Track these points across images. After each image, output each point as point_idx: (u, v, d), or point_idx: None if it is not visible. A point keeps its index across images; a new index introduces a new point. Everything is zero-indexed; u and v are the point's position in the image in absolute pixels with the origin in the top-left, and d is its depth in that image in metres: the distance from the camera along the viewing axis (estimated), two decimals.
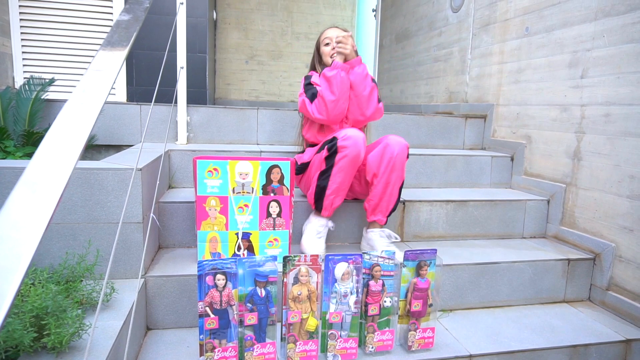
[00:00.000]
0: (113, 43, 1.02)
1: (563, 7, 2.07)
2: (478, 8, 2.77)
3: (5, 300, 0.49)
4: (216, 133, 2.40)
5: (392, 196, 1.73)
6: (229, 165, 1.57)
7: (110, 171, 1.40)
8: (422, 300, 1.41)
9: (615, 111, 1.80)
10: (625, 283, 1.75)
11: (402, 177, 1.73)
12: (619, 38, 1.78)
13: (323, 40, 1.93)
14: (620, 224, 1.78)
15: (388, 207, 1.74)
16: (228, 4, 5.02)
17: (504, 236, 2.12)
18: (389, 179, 1.70)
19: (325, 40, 1.91)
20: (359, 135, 1.64)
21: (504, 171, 2.45)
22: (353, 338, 1.37)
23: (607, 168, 1.83)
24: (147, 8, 1.19)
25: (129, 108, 2.32)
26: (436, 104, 3.27)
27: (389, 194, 1.71)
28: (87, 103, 0.78)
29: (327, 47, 1.91)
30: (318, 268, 1.32)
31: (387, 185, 1.70)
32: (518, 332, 1.59)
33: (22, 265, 0.53)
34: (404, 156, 1.71)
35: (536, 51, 2.25)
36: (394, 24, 4.16)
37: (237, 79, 5.16)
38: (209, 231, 1.59)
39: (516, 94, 2.40)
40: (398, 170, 1.70)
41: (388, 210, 1.75)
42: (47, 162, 0.67)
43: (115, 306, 1.28)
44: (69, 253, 1.37)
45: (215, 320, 1.24)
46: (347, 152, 1.62)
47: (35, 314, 1.00)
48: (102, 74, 0.87)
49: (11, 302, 0.49)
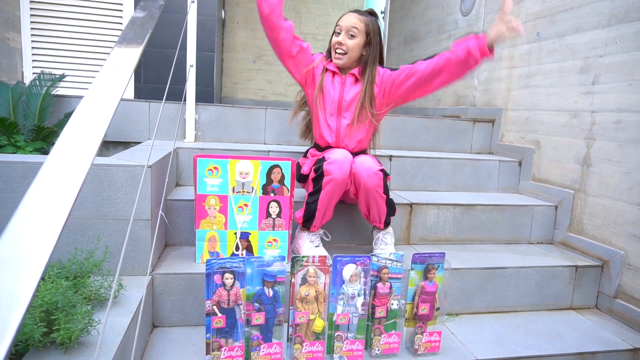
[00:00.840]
0: (128, 40, 1.02)
1: (575, 12, 2.06)
2: (488, 12, 2.76)
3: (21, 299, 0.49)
4: (224, 132, 2.40)
5: (379, 209, 1.68)
6: (229, 164, 1.57)
7: (121, 168, 1.40)
8: (429, 304, 1.41)
9: (627, 118, 1.79)
10: (634, 291, 1.74)
11: (383, 197, 1.65)
12: (632, 45, 1.77)
13: (336, 27, 1.74)
14: (630, 231, 1.76)
15: (380, 217, 1.71)
16: (237, 3, 5.02)
17: (511, 241, 2.11)
18: (368, 201, 1.66)
19: (337, 27, 1.73)
20: (345, 160, 1.58)
21: (512, 176, 2.44)
22: (359, 340, 1.37)
23: (617, 175, 1.82)
24: (162, 5, 1.19)
25: (138, 105, 2.32)
26: (444, 107, 3.26)
27: (374, 209, 1.68)
28: (103, 101, 0.78)
29: (336, 36, 1.72)
30: (326, 269, 1.31)
31: (368, 204, 1.67)
32: (524, 338, 1.58)
33: (40, 263, 0.53)
34: (376, 182, 1.61)
35: (547, 56, 2.24)
36: (402, 27, 4.16)
37: (244, 78, 5.16)
38: (207, 230, 1.59)
39: (525, 99, 2.39)
40: (374, 195, 1.63)
41: (381, 219, 1.72)
42: (64, 160, 0.67)
43: (123, 303, 1.28)
44: (78, 248, 1.37)
45: (223, 319, 1.24)
46: (332, 177, 1.56)
47: (45, 308, 1.00)
48: (118, 70, 0.87)
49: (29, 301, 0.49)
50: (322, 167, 1.58)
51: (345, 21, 1.71)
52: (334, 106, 1.76)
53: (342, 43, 1.70)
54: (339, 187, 1.59)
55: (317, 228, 1.70)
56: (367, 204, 1.67)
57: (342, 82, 1.76)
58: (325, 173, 1.57)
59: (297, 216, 1.71)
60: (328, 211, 1.67)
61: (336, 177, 1.56)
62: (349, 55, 1.71)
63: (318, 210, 1.63)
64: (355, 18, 1.70)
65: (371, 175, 1.60)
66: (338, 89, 1.75)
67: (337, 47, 1.71)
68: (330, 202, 1.63)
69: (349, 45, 1.70)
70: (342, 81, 1.76)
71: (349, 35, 1.70)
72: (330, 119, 1.77)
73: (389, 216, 1.73)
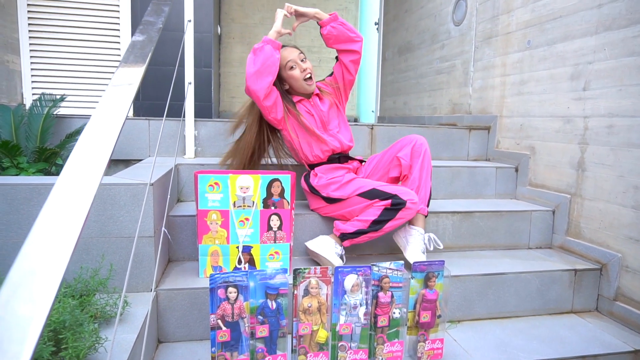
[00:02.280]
0: (130, 63, 1.05)
1: (564, 21, 2.11)
2: (480, 22, 2.81)
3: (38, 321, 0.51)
4: (224, 147, 2.43)
5: (427, 184, 1.83)
6: (229, 180, 1.60)
7: (123, 186, 1.42)
8: (430, 312, 1.43)
9: (618, 123, 1.82)
10: (633, 293, 1.76)
11: (431, 167, 1.86)
12: (620, 51, 1.81)
13: (286, 66, 1.84)
14: (626, 234, 1.79)
15: (426, 195, 1.83)
16: (232, 18, 5.10)
17: (510, 247, 2.14)
18: (423, 166, 1.82)
19: (289, 64, 1.84)
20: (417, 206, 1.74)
21: (509, 182, 2.47)
22: (363, 349, 1.38)
23: (612, 179, 1.85)
24: (160, 29, 1.23)
25: (138, 123, 2.35)
26: (439, 115, 3.30)
27: (424, 180, 1.82)
28: (108, 123, 0.81)
29: (295, 68, 1.85)
30: (328, 280, 1.34)
31: (421, 170, 1.82)
32: (526, 343, 1.60)
33: (54, 284, 0.56)
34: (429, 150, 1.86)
35: (538, 64, 2.28)
36: (396, 37, 4.22)
37: (242, 92, 5.18)
38: (210, 245, 1.61)
39: (519, 106, 2.43)
40: (428, 160, 1.84)
41: (426, 199, 1.83)
42: (73, 183, 0.69)
43: (129, 320, 1.29)
44: (83, 267, 1.39)
45: (227, 332, 1.26)
46: (412, 210, 1.71)
47: (53, 328, 1.02)
48: (120, 95, 0.91)
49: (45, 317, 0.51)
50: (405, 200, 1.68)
51: (290, 55, 1.86)
52: (319, 125, 1.92)
53: (306, 68, 1.86)
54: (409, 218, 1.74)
55: (349, 244, 1.78)
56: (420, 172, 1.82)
57: (312, 105, 1.93)
58: (407, 206, 1.69)
59: (342, 227, 1.76)
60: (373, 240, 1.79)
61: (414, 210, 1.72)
62: (313, 75, 1.90)
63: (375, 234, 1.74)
64: (291, 48, 1.89)
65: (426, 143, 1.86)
66: (313, 110, 1.92)
67: (306, 74, 1.87)
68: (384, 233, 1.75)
69: (310, 67, 1.89)
70: (311, 104, 1.93)
71: (302, 61, 1.88)
72: (323, 136, 1.90)
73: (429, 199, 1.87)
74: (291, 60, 1.84)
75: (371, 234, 1.73)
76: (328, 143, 1.89)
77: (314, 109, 1.92)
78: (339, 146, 1.93)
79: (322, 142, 1.89)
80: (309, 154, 1.92)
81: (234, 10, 5.09)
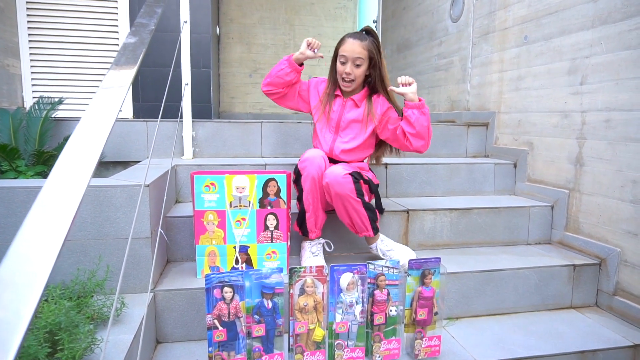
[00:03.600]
0: (121, 65, 1.06)
1: (560, 15, 2.10)
2: (477, 18, 2.80)
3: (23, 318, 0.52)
4: (221, 147, 2.44)
5: (359, 215, 1.69)
6: (225, 180, 1.61)
7: (119, 188, 1.43)
8: (427, 309, 1.43)
9: (616, 117, 1.81)
10: (632, 288, 1.75)
11: (358, 200, 1.66)
12: (617, 45, 1.80)
13: (340, 55, 1.79)
14: (625, 228, 1.78)
15: (364, 223, 1.71)
16: (231, 19, 5.10)
17: (508, 243, 2.13)
18: (346, 209, 1.68)
19: (342, 56, 1.78)
20: (316, 155, 1.67)
21: (507, 178, 2.46)
22: (360, 347, 1.39)
23: (610, 173, 1.85)
24: (152, 30, 1.23)
25: (136, 125, 2.36)
26: (438, 112, 3.29)
27: (355, 215, 1.69)
28: (97, 125, 0.82)
29: (342, 65, 1.79)
30: (324, 279, 1.34)
31: (347, 212, 1.69)
32: (525, 339, 1.60)
33: (39, 283, 0.56)
34: (346, 187, 1.63)
35: (535, 59, 2.27)
36: (395, 35, 4.21)
37: (241, 92, 5.22)
38: (207, 245, 1.62)
39: (517, 102, 2.43)
40: (348, 201, 1.65)
41: (367, 226, 1.71)
42: (60, 184, 0.70)
43: (126, 320, 1.30)
44: (80, 269, 1.40)
45: (224, 332, 1.27)
46: (306, 172, 1.65)
47: (49, 329, 1.03)
48: (110, 96, 0.91)
49: (30, 319, 0.52)
50: (297, 166, 1.68)
51: (349, 51, 1.76)
52: (333, 125, 1.88)
53: (349, 73, 1.78)
54: (315, 183, 1.66)
55: (315, 234, 1.74)
56: (347, 212, 1.70)
57: (342, 105, 1.88)
58: (300, 171, 1.68)
59: (295, 225, 1.78)
60: (318, 212, 1.72)
61: (311, 172, 1.65)
62: (356, 82, 1.82)
63: (307, 212, 1.70)
64: (359, 47, 1.75)
65: (339, 181, 1.62)
66: (338, 110, 1.88)
67: (345, 77, 1.80)
68: (314, 200, 1.68)
69: (356, 74, 1.79)
70: (342, 103, 1.88)
71: (355, 65, 1.78)
72: (327, 135, 1.89)
73: (372, 221, 1.72)
74: (345, 55, 1.77)
75: (308, 212, 1.69)
76: (321, 142, 1.90)
77: (339, 108, 1.87)
78: (327, 150, 1.87)
79: (316, 138, 1.93)
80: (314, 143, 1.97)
81: (233, 10, 5.09)
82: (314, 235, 1.74)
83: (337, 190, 1.63)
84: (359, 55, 1.75)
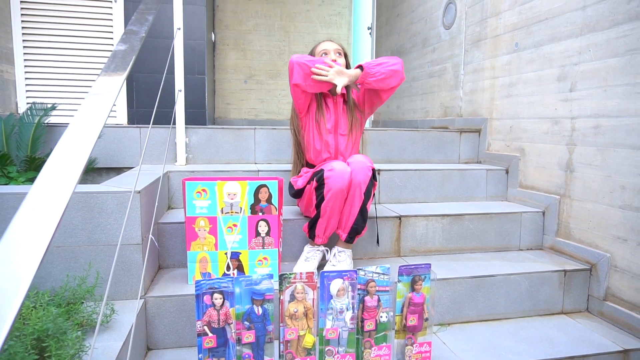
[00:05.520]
0: (110, 72, 1.06)
1: (550, 23, 2.13)
2: (469, 25, 2.83)
3: (6, 321, 0.52)
4: (215, 153, 2.44)
5: (350, 213, 1.71)
6: (217, 186, 1.61)
7: (110, 194, 1.43)
8: (417, 315, 1.43)
9: (604, 123, 1.83)
10: (622, 293, 1.76)
11: (361, 197, 1.69)
12: (605, 52, 1.83)
13: (320, 52, 1.90)
14: (614, 234, 1.79)
15: (346, 224, 1.72)
16: (226, 25, 5.12)
17: (500, 249, 2.14)
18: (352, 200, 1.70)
19: (323, 51, 1.90)
20: (344, 170, 1.66)
21: (500, 184, 2.47)
22: (350, 354, 1.39)
23: (599, 179, 1.86)
24: (143, 38, 1.24)
25: (129, 131, 2.37)
26: (432, 118, 3.31)
27: (347, 210, 1.71)
28: (85, 134, 0.82)
29: (326, 56, 1.88)
30: (314, 285, 1.34)
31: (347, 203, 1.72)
32: (515, 345, 1.60)
33: (23, 287, 0.57)
34: (362, 178, 1.68)
35: (526, 66, 2.29)
36: (389, 42, 4.24)
37: (237, 98, 5.24)
38: (198, 251, 1.62)
39: (509, 108, 2.45)
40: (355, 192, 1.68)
41: (346, 228, 1.72)
42: (46, 189, 0.70)
43: (115, 327, 1.30)
44: (70, 275, 1.40)
45: (214, 339, 1.26)
46: (332, 185, 1.64)
47: (37, 336, 1.03)
48: (98, 104, 0.92)
49: (12, 323, 0.52)
50: (323, 176, 1.67)
51: (328, 45, 1.91)
52: (332, 125, 1.91)
53: (335, 60, 1.85)
54: (338, 195, 1.66)
55: (320, 240, 1.75)
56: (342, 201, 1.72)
57: (334, 103, 1.93)
58: (326, 183, 1.66)
59: (304, 226, 1.80)
60: (331, 221, 1.71)
61: (335, 184, 1.64)
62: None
63: (321, 217, 1.70)
64: (335, 43, 1.93)
65: (362, 168, 1.68)
66: (332, 109, 1.92)
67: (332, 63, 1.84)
68: (332, 211, 1.69)
69: (341, 64, 1.84)
70: (334, 101, 1.93)
71: (337, 55, 1.89)
72: (328, 137, 1.91)
73: (354, 231, 1.72)
74: (325, 49, 1.90)
75: (322, 217, 1.69)
76: (318, 146, 1.91)
77: (333, 106, 1.93)
78: (328, 157, 1.92)
79: (312, 143, 1.93)
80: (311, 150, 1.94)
81: (228, 17, 5.12)
82: (320, 241, 1.75)
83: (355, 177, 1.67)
84: (337, 48, 1.91)
